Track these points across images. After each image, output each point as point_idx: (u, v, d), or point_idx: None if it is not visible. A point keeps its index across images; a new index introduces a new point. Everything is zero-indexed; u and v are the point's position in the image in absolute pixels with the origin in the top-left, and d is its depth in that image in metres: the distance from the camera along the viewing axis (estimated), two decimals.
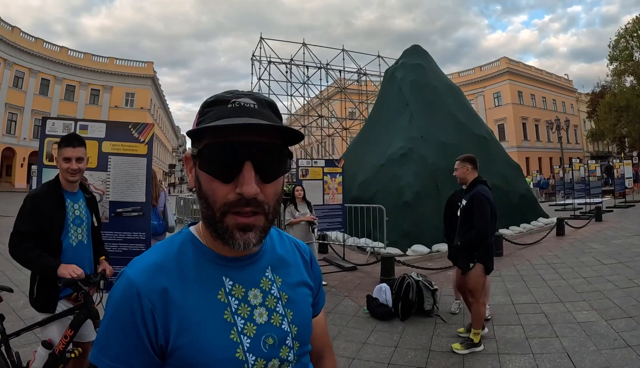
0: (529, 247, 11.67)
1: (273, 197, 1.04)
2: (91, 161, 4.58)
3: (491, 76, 56.70)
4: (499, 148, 16.21)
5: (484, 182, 5.25)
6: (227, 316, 1.05)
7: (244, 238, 1.00)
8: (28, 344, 4.78)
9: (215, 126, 0.96)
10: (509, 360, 4.77)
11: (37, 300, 3.24)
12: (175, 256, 1.08)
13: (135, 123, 4.97)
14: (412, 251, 11.11)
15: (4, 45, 45.45)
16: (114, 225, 4.69)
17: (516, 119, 54.90)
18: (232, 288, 1.08)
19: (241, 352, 1.03)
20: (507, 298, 7.07)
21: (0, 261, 9.78)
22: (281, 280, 1.18)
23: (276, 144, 1.02)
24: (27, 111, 47.85)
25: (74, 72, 52.53)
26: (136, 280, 1.02)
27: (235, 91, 1.07)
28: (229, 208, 0.99)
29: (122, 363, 0.98)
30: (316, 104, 35.34)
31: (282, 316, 1.14)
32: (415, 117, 14.05)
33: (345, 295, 7.77)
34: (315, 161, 10.69)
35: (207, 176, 1.00)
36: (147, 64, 59.48)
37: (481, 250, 5.08)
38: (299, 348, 1.16)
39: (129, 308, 0.99)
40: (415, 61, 16.17)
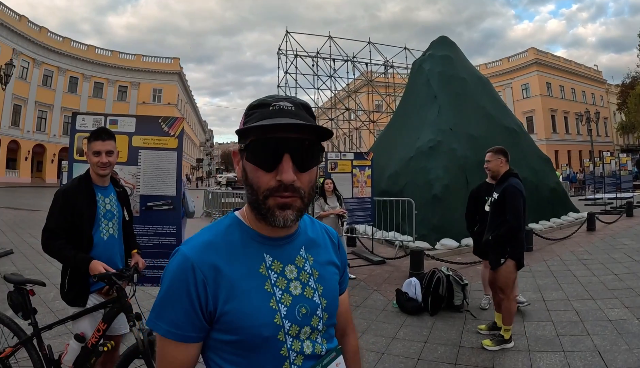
0: (559, 242, 11.46)
1: (308, 184, 1.21)
2: (121, 155, 4.58)
3: (519, 67, 55.71)
4: (529, 141, 15.89)
5: (515, 175, 5.10)
6: (267, 287, 1.23)
7: (283, 215, 1.17)
8: (59, 336, 4.81)
9: (260, 126, 1.14)
10: (539, 358, 4.67)
11: (68, 294, 3.24)
12: (223, 236, 1.26)
13: (166, 117, 4.95)
14: (441, 245, 11.00)
15: (33, 45, 46.65)
16: (145, 219, 4.68)
17: (545, 111, 53.88)
18: (271, 263, 1.26)
19: (279, 318, 1.21)
20: (538, 294, 6.92)
21: (32, 255, 10.00)
22: (313, 258, 1.36)
23: (310, 140, 1.19)
24: (57, 109, 49.06)
25: (101, 70, 53.67)
26: (190, 255, 1.19)
27: (275, 95, 1.25)
28: (271, 193, 1.16)
29: (176, 327, 1.17)
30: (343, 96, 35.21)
31: (314, 290, 1.31)
32: (444, 110, 13.85)
33: (374, 289, 7.73)
34: (344, 154, 10.63)
35: (253, 166, 1.19)
36: (173, 60, 60.22)
37: (513, 245, 4.94)
38: (328, 319, 1.33)
39: (184, 279, 1.17)
40: (443, 52, 15.92)
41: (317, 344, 1.28)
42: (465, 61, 16.61)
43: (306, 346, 1.25)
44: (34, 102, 47.18)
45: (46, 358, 3.25)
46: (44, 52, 48.19)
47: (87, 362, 3.06)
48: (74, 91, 51.63)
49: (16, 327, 3.38)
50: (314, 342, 1.28)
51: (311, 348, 1.26)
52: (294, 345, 1.23)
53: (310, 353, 1.26)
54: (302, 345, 1.24)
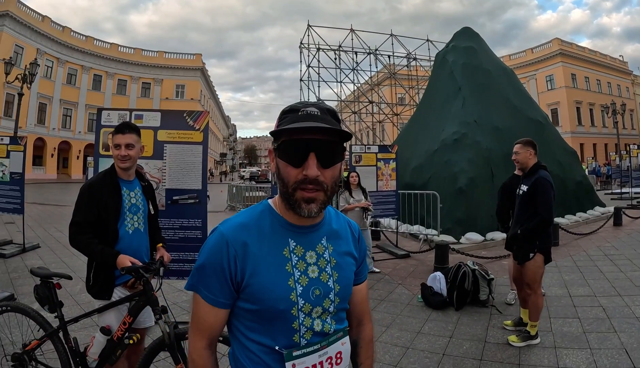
0: (585, 237, 11.31)
1: (331, 179, 1.37)
2: (147, 149, 4.59)
3: (543, 58, 54.62)
4: (555, 133, 15.65)
5: (544, 167, 4.99)
6: (288, 268, 1.42)
7: (308, 207, 1.35)
8: (84, 328, 4.86)
9: (289, 128, 1.31)
10: (565, 355, 4.58)
11: (93, 287, 3.26)
12: (256, 219, 1.46)
13: (190, 111, 4.96)
14: (466, 239, 10.93)
15: (57, 44, 47.50)
16: (170, 212, 4.70)
17: (570, 103, 52.78)
18: (294, 248, 1.45)
19: (294, 296, 1.40)
20: (564, 290, 6.82)
21: (58, 249, 10.16)
22: (333, 248, 1.53)
23: (333, 140, 1.36)
24: (81, 106, 49.91)
25: (124, 67, 54.38)
26: (226, 233, 1.41)
27: (305, 102, 1.46)
28: (298, 185, 1.34)
29: (211, 292, 1.41)
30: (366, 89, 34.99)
31: (329, 275, 1.48)
32: (468, 102, 13.72)
33: (399, 283, 7.69)
34: (369, 147, 10.55)
35: (283, 162, 1.36)
36: (195, 56, 60.63)
37: (542, 239, 4.85)
38: (339, 303, 1.50)
39: (219, 253, 1.39)
40: (467, 43, 15.76)
41: (326, 324, 1.46)
42: (489, 52, 16.38)
43: (316, 324, 1.43)
44: (58, 100, 48.00)
45: (72, 350, 3.29)
46: (68, 51, 48.97)
47: (113, 355, 3.08)
48: (98, 88, 52.37)
49: (42, 320, 3.42)
50: (323, 322, 1.45)
51: (320, 326, 1.44)
52: (305, 321, 1.41)
53: (319, 330, 1.44)
54: (312, 322, 1.42)
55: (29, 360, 3.47)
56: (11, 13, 41.14)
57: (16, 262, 8.89)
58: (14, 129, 21.60)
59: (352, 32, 30.20)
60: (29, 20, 43.61)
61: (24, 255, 9.61)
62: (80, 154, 49.28)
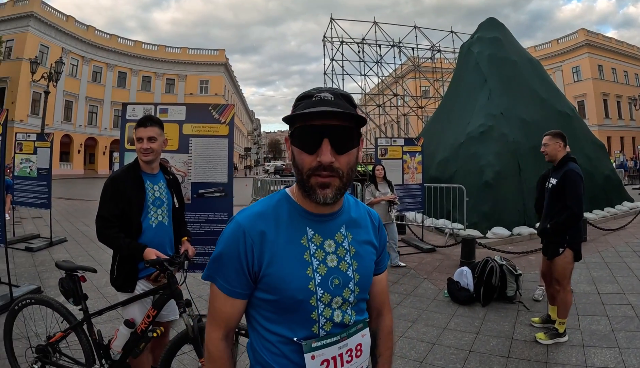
0: (613, 233, 11.03)
1: (346, 165, 1.35)
2: (172, 143, 4.61)
3: (569, 49, 53.60)
4: (583, 126, 15.31)
5: (573, 159, 4.87)
6: (306, 257, 1.40)
7: (323, 193, 1.33)
8: (110, 321, 4.91)
9: (301, 113, 1.29)
10: (594, 354, 4.46)
11: (117, 280, 3.28)
12: (273, 208, 1.45)
13: (216, 104, 4.93)
14: (492, 233, 10.78)
15: (81, 43, 48.57)
16: (196, 206, 4.68)
17: (597, 95, 51.70)
18: (312, 236, 1.43)
19: (313, 285, 1.38)
20: (592, 287, 6.67)
21: (85, 242, 10.29)
22: (352, 237, 1.51)
23: (347, 126, 1.33)
24: (107, 103, 50.86)
25: (149, 64, 55.18)
26: (243, 222, 1.40)
27: (319, 88, 1.41)
28: (312, 172, 1.32)
29: (228, 283, 1.41)
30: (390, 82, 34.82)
31: (349, 264, 1.46)
32: (495, 94, 13.50)
33: (425, 278, 7.64)
34: (395, 139, 10.41)
35: (298, 149, 1.35)
36: (219, 51, 61.08)
37: (572, 234, 4.71)
38: (359, 293, 1.48)
39: (236, 242, 1.38)
40: (492, 34, 15.50)
41: (346, 314, 1.44)
42: (515, 43, 16.11)
43: (336, 315, 1.41)
44: (84, 97, 49.01)
45: (96, 343, 3.31)
46: (92, 49, 49.93)
47: (136, 347, 3.10)
48: (122, 85, 53.25)
49: (66, 312, 3.43)
50: (344, 312, 1.43)
51: (340, 317, 1.42)
52: (324, 312, 1.39)
53: (339, 321, 1.42)
54: (332, 313, 1.40)
55: (53, 352, 3.50)
56: (35, 13, 42.18)
57: (43, 256, 9.02)
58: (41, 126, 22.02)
59: (375, 25, 29.97)
60: (53, 20, 44.68)
61: (51, 248, 9.75)
62: (106, 150, 50.44)
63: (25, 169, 10.03)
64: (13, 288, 6.02)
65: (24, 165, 10.05)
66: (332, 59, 28.79)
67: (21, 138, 10.24)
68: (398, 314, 5.81)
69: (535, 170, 9.64)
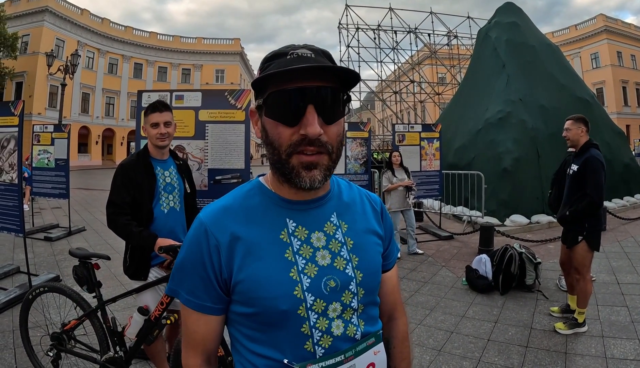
0: (632, 222, 10.89)
1: (336, 138, 1.08)
2: (188, 129, 4.60)
3: (587, 35, 52.67)
4: (602, 113, 15.03)
5: (596, 146, 4.74)
6: (288, 255, 1.11)
7: (309, 175, 1.05)
8: (127, 308, 5.01)
9: (277, 72, 1.00)
10: (613, 345, 4.38)
11: (129, 268, 3.32)
12: (242, 200, 1.18)
13: (232, 90, 4.89)
14: (511, 221, 10.70)
15: (97, 36, 49.11)
16: (213, 193, 4.65)
17: (616, 83, 50.76)
18: (295, 229, 1.14)
19: (299, 291, 1.08)
20: (612, 277, 6.57)
21: (103, 231, 10.43)
22: (347, 226, 1.21)
23: (335, 87, 1.06)
24: (123, 94, 51.41)
25: (164, 55, 55.54)
26: (205, 219, 1.14)
27: (292, 45, 1.12)
28: (294, 149, 1.04)
29: (194, 296, 1.13)
30: (407, 69, 34.63)
31: (347, 260, 1.16)
32: (513, 79, 13.32)
33: (443, 265, 7.60)
34: (412, 126, 10.33)
35: (273, 122, 1.06)
36: (234, 40, 61.21)
37: (591, 222, 4.62)
38: (364, 296, 1.17)
39: (197, 245, 1.12)
40: (510, 19, 15.26)
41: (350, 325, 1.14)
42: (533, 28, 15.85)
43: (335, 326, 1.11)
44: (101, 89, 49.54)
45: (110, 330, 3.30)
46: (108, 41, 50.43)
47: (150, 335, 3.10)
48: (139, 76, 53.61)
49: (80, 299, 3.44)
50: (347, 322, 1.14)
51: (342, 328, 1.12)
52: (318, 323, 1.10)
53: (341, 334, 1.12)
54: (330, 323, 1.11)
55: (68, 339, 3.51)
56: (50, 8, 42.75)
57: (62, 245, 9.11)
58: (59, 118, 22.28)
59: (391, 11, 29.71)
60: (68, 14, 45.20)
61: (70, 237, 9.86)
62: (124, 140, 51.03)
63: (43, 160, 10.14)
64: (32, 277, 6.08)
65: (41, 156, 10.16)
66: (347, 46, 28.66)
67: (38, 130, 10.38)
68: (416, 302, 5.80)
69: (554, 157, 9.51)
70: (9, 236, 7.25)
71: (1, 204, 5.85)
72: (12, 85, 40.10)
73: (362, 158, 8.61)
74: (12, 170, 5.68)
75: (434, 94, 31.89)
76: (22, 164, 5.76)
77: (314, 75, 1.03)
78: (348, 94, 1.11)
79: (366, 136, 8.64)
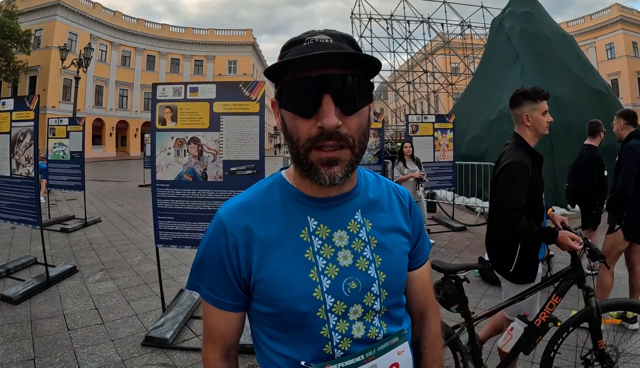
0: None
1: (357, 129, 1.01)
2: (203, 121, 4.63)
3: (602, 25, 51.96)
4: (617, 105, 14.57)
5: (637, 136, 4.70)
6: (308, 255, 1.07)
7: (329, 172, 0.99)
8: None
9: (288, 61, 0.96)
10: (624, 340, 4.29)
11: (521, 272, 3.03)
12: (262, 196, 1.15)
13: (246, 82, 4.89)
14: None
15: (109, 29, 49.56)
16: (229, 184, 4.67)
17: (631, 74, 49.99)
18: (316, 227, 1.10)
19: (319, 292, 1.05)
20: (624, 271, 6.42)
21: (119, 222, 10.57)
22: (372, 224, 1.16)
23: (354, 75, 0.99)
24: (137, 86, 51.81)
25: (177, 46, 55.85)
26: (224, 217, 1.12)
27: (312, 31, 1.06)
28: (312, 144, 0.98)
29: (212, 291, 1.13)
30: (420, 59, 34.49)
31: (370, 261, 1.12)
32: (527, 70, 13.15)
33: (455, 256, 7.61)
34: (426, 116, 10.30)
35: (289, 114, 1.02)
36: (246, 31, 61.29)
37: (630, 212, 4.53)
38: (388, 297, 1.13)
39: (216, 242, 1.10)
40: (524, 8, 15.03)
41: (372, 327, 1.10)
42: (547, 18, 15.59)
43: (356, 328, 1.08)
44: (114, 82, 49.92)
45: (476, 349, 3.07)
46: (120, 34, 50.79)
47: (531, 343, 2.88)
48: (151, 68, 53.93)
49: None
50: (368, 325, 1.10)
51: (363, 331, 1.09)
52: (338, 326, 1.06)
53: (362, 337, 1.08)
54: (350, 326, 1.07)
55: None
56: (62, 2, 43.23)
57: (78, 236, 9.20)
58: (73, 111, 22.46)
59: (404, 1, 29.60)
60: (80, 8, 45.59)
61: (86, 229, 9.95)
62: (137, 132, 51.38)
63: (58, 153, 10.24)
64: (49, 268, 6.16)
65: (57, 149, 10.26)
66: (360, 36, 28.58)
67: (54, 123, 10.49)
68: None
69: (569, 149, 9.43)
70: (25, 228, 7.36)
71: (18, 198, 5.92)
72: (26, 79, 40.47)
73: (376, 148, 8.60)
74: (29, 164, 5.75)
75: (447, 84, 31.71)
76: (38, 158, 5.82)
77: (330, 62, 0.96)
78: (370, 82, 1.04)
79: (380, 127, 8.63)
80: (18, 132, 5.82)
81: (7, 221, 6.15)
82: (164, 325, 4.53)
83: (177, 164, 4.63)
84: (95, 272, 6.61)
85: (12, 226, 8.55)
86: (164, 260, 6.20)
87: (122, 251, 7.75)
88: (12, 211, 6.01)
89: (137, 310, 5.20)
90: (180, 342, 4.39)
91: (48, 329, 4.60)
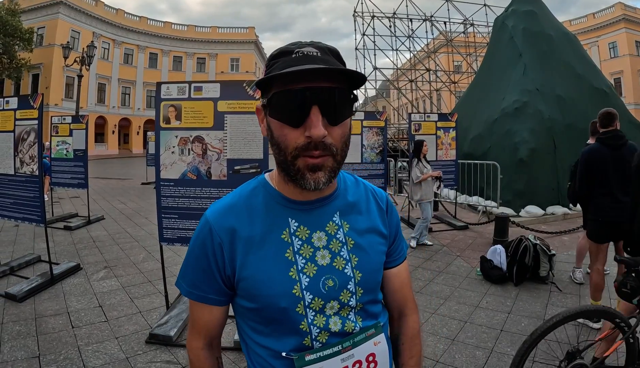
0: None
1: (340, 139, 1.08)
2: (207, 120, 4.65)
3: (605, 24, 51.66)
4: (620, 104, 14.56)
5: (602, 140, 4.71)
6: (288, 255, 1.15)
7: (314, 177, 1.05)
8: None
9: (281, 74, 1.00)
10: None
11: None
12: (246, 198, 1.21)
13: (250, 81, 4.91)
14: (526, 212, 10.66)
15: (111, 27, 49.35)
16: (232, 182, 4.69)
17: (634, 73, 49.66)
18: (296, 229, 1.17)
19: (298, 289, 1.13)
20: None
21: (122, 220, 10.55)
22: (349, 225, 1.23)
23: (340, 88, 1.05)
24: (139, 84, 51.73)
25: (179, 44, 55.67)
26: (210, 218, 1.19)
27: (298, 42, 1.12)
28: (300, 152, 1.04)
29: (195, 288, 1.21)
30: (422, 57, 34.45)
31: (346, 260, 1.19)
32: (530, 69, 13.15)
33: (457, 255, 7.61)
34: (428, 115, 10.33)
35: (278, 122, 1.07)
36: (248, 29, 61.00)
37: (591, 212, 4.64)
38: (363, 294, 1.21)
39: (203, 243, 1.18)
40: (527, 7, 15.00)
41: (348, 321, 1.18)
42: (550, 17, 15.53)
43: (333, 322, 1.16)
44: (117, 79, 49.78)
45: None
46: (123, 32, 50.64)
47: None
48: (154, 66, 53.77)
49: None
50: (344, 319, 1.18)
51: (339, 325, 1.17)
52: (316, 320, 1.15)
53: (338, 331, 1.16)
54: (327, 320, 1.16)
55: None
56: (65, 0, 43.02)
57: (81, 233, 9.23)
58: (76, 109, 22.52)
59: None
60: (82, 5, 45.38)
61: (89, 226, 9.97)
62: (140, 129, 51.38)
63: (61, 151, 10.28)
64: (53, 266, 6.18)
65: (60, 147, 10.31)
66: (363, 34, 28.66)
67: (57, 121, 10.55)
68: (430, 291, 5.84)
69: (571, 148, 9.46)
70: (29, 226, 7.38)
71: (22, 196, 5.95)
72: (29, 77, 40.43)
73: (378, 147, 8.62)
74: (33, 162, 5.77)
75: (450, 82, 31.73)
76: (42, 157, 5.85)
77: (319, 75, 1.02)
78: (354, 95, 1.10)
79: (382, 125, 8.64)
80: (22, 130, 5.84)
81: (12, 219, 6.17)
82: (168, 322, 4.56)
83: (182, 162, 4.66)
84: (99, 270, 6.63)
85: (15, 224, 8.58)
86: (167, 257, 6.21)
87: (125, 249, 7.78)
88: (16, 209, 6.04)
89: (141, 308, 5.23)
90: (184, 339, 4.39)
91: (52, 327, 4.62)
